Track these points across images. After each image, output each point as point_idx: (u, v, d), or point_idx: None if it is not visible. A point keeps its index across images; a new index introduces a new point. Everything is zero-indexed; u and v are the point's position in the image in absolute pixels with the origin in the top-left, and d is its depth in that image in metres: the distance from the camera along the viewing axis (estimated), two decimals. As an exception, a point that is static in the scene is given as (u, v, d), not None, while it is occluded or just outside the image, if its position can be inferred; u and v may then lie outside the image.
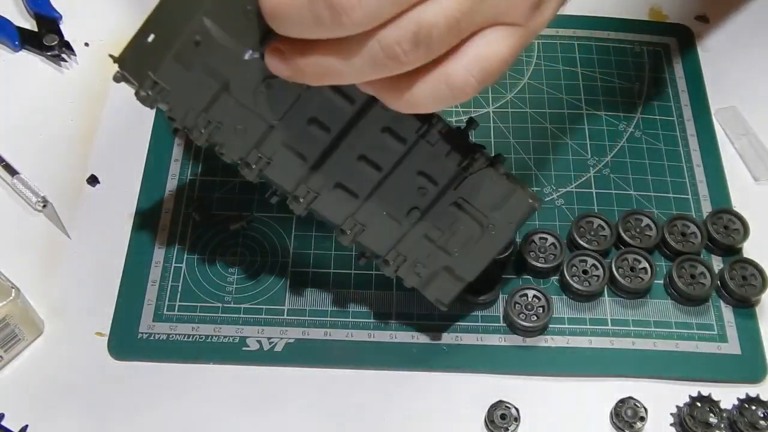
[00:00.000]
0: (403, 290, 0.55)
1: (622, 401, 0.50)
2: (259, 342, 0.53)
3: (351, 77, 0.38)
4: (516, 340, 0.53)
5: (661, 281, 0.55)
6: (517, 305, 0.53)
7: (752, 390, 0.51)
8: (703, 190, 0.59)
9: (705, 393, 0.51)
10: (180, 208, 0.57)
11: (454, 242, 0.47)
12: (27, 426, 0.49)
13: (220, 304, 0.54)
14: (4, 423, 0.49)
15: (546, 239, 0.55)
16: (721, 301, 0.55)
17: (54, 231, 0.57)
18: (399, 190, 0.45)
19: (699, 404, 0.50)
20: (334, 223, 0.46)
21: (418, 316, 0.54)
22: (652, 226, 0.56)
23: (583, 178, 0.59)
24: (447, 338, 0.53)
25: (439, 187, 0.46)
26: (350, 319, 0.54)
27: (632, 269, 0.55)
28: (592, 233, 0.56)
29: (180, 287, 0.54)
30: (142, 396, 0.51)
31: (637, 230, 0.56)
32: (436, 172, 0.45)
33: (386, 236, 0.47)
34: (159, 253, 0.56)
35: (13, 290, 0.50)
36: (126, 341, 0.52)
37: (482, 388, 0.51)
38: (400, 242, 0.47)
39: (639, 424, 0.50)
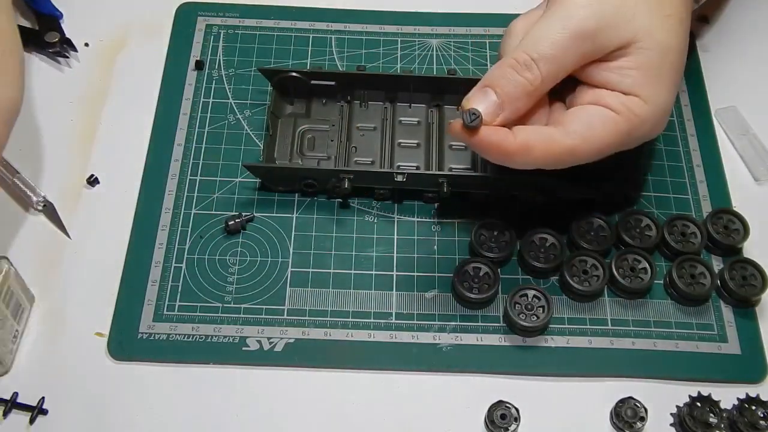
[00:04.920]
0: (403, 290, 0.55)
1: (622, 401, 0.50)
2: (259, 342, 0.53)
3: None
4: (516, 340, 0.53)
5: (661, 281, 0.55)
6: (517, 305, 0.53)
7: (752, 390, 0.51)
8: (703, 190, 0.59)
9: (705, 393, 0.51)
10: (180, 207, 0.57)
11: None
12: (43, 398, 0.49)
13: (220, 304, 0.54)
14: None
15: (546, 239, 0.55)
16: (721, 301, 0.55)
17: (54, 231, 0.57)
18: None
19: (699, 404, 0.50)
20: None
21: (418, 316, 0.54)
22: (652, 226, 0.56)
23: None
24: (447, 338, 0.53)
25: None
26: (350, 319, 0.54)
27: (632, 269, 0.55)
28: (592, 233, 0.56)
29: (180, 287, 0.54)
30: (142, 396, 0.51)
31: (637, 230, 0.56)
32: None
33: None
34: (159, 253, 0.56)
35: (3, 260, 0.50)
36: (126, 341, 0.52)
37: (482, 388, 0.51)
38: None
39: (639, 424, 0.50)
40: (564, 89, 0.52)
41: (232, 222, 0.56)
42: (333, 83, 0.60)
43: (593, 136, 0.49)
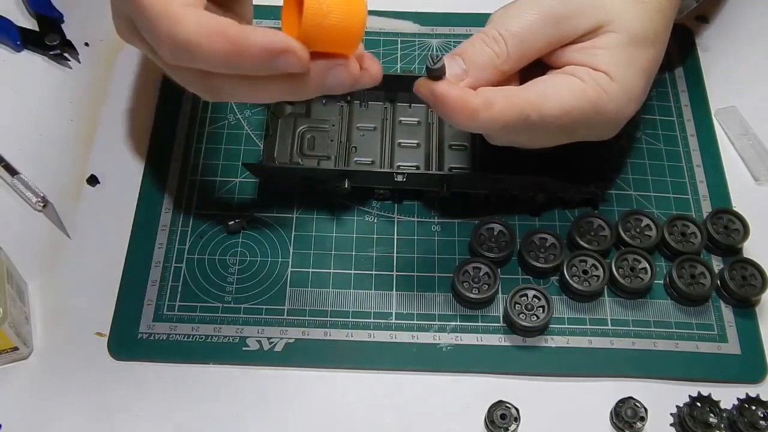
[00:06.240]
0: (403, 290, 0.55)
1: (622, 401, 0.50)
2: (259, 342, 0.53)
3: None
4: (516, 340, 0.53)
5: (661, 281, 0.55)
6: (517, 305, 0.53)
7: (752, 390, 0.51)
8: (703, 190, 0.59)
9: (705, 393, 0.51)
10: (180, 207, 0.57)
11: None
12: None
13: (220, 304, 0.54)
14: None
15: (546, 239, 0.55)
16: (721, 301, 0.55)
17: (54, 231, 0.57)
18: None
19: (699, 404, 0.50)
20: None
21: (418, 316, 0.54)
22: (652, 226, 0.56)
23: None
24: (447, 338, 0.53)
25: None
26: (350, 319, 0.54)
27: (632, 269, 0.55)
28: (592, 233, 0.56)
29: (180, 287, 0.54)
30: (142, 396, 0.51)
31: (637, 230, 0.56)
32: None
33: None
34: (159, 253, 0.56)
35: None
36: (126, 341, 0.52)
37: (482, 388, 0.51)
38: None
39: (639, 424, 0.50)
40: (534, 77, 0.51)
41: (232, 222, 0.56)
42: None
43: (556, 94, 0.48)
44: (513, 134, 0.49)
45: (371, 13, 0.67)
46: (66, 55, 0.64)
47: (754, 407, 0.50)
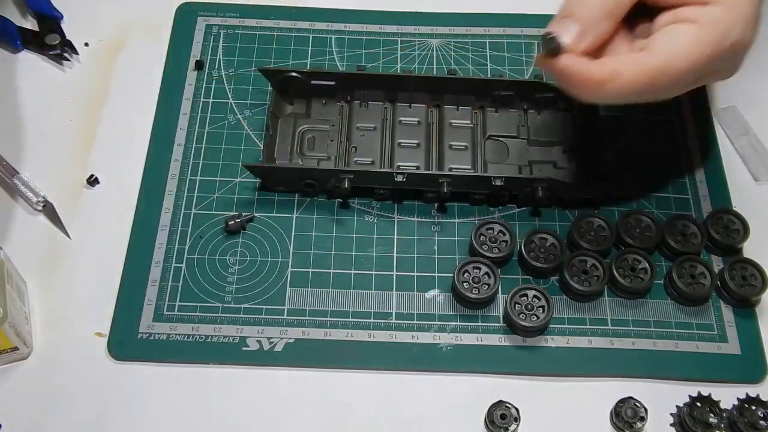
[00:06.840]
0: (403, 290, 0.55)
1: (622, 401, 0.50)
2: (259, 342, 0.53)
3: None
4: (516, 340, 0.53)
5: (661, 281, 0.55)
6: (517, 305, 0.53)
7: (752, 390, 0.51)
8: (703, 190, 0.59)
9: (705, 393, 0.51)
10: (180, 207, 0.57)
11: None
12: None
13: (220, 304, 0.54)
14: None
15: (546, 239, 0.55)
16: (721, 301, 0.55)
17: (54, 231, 0.57)
18: None
19: (699, 404, 0.50)
20: None
21: (418, 316, 0.54)
22: (652, 226, 0.56)
23: (583, 178, 0.59)
24: (447, 338, 0.53)
25: None
26: (350, 319, 0.54)
27: (632, 269, 0.55)
28: (592, 233, 0.56)
29: (180, 287, 0.54)
30: (142, 396, 0.51)
31: (637, 230, 0.56)
32: None
33: None
34: (159, 253, 0.56)
35: None
36: (126, 341, 0.52)
37: (482, 388, 0.51)
38: None
39: (639, 424, 0.50)
40: (639, 26, 0.50)
41: (232, 222, 0.56)
42: (333, 83, 0.60)
43: (680, 50, 0.47)
44: (636, 97, 0.49)
45: (372, 12, 0.67)
46: (66, 55, 0.64)
47: (754, 407, 0.50)
